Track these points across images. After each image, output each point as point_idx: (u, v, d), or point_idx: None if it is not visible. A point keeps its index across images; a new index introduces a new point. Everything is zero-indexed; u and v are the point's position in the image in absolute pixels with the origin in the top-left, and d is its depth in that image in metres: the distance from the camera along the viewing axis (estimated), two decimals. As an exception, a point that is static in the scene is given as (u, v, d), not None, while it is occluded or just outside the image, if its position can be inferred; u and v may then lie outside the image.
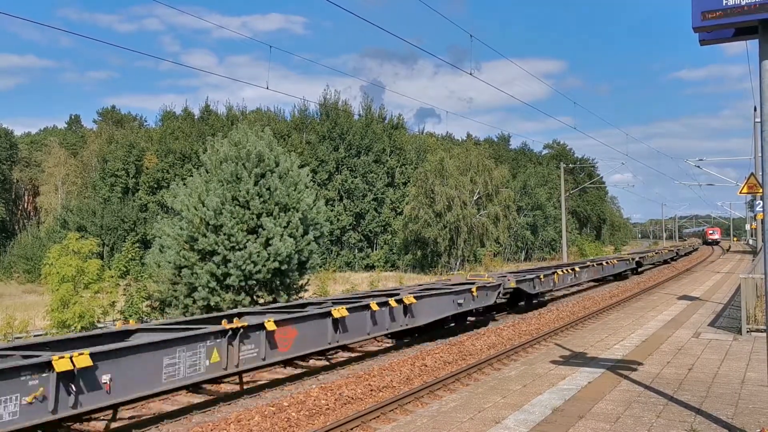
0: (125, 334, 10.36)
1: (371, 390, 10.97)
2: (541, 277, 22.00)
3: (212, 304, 19.73)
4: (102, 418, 9.51)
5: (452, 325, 17.42)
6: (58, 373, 7.58)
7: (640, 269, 39.59)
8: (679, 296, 23.05)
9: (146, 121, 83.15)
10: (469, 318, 18.60)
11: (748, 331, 14.08)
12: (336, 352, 14.52)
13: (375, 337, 14.77)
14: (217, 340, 9.96)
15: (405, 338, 15.99)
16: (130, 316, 20.64)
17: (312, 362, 13.82)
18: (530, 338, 15.36)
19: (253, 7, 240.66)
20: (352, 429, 8.69)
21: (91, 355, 7.99)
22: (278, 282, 21.21)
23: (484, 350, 14.70)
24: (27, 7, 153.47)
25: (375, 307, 13.32)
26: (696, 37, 6.72)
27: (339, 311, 12.31)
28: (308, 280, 23.67)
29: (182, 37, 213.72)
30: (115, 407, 8.92)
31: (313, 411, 9.68)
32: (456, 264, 54.10)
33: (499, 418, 7.90)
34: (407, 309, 14.61)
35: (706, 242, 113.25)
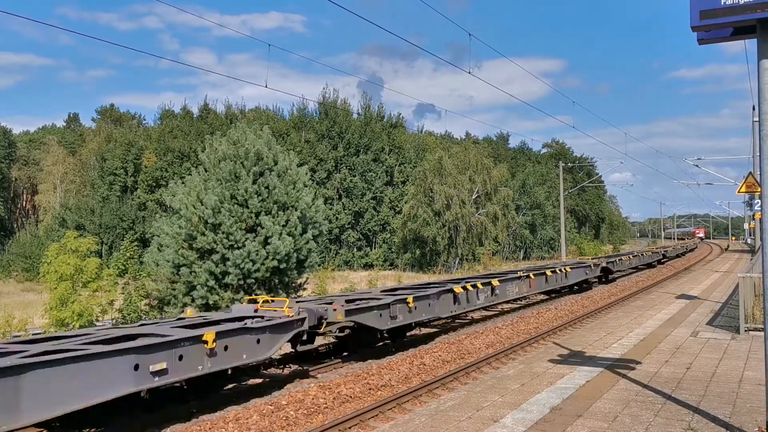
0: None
1: (369, 389, 10.97)
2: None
3: (211, 302, 19.72)
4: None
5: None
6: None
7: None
8: (678, 295, 23.08)
9: (145, 120, 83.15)
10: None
11: (746, 330, 14.10)
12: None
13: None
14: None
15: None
16: (128, 314, 20.63)
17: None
18: (528, 337, 15.37)
19: (252, 5, 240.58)
20: (350, 428, 8.70)
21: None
22: (277, 281, 21.20)
23: (483, 349, 14.71)
24: (26, 5, 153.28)
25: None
26: (695, 37, 6.72)
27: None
28: (307, 278, 23.66)
29: (181, 35, 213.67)
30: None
31: (312, 409, 9.69)
32: (455, 263, 54.12)
33: (497, 417, 7.90)
34: None
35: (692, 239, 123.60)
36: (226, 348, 9.75)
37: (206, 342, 9.34)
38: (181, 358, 8.98)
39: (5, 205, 74.94)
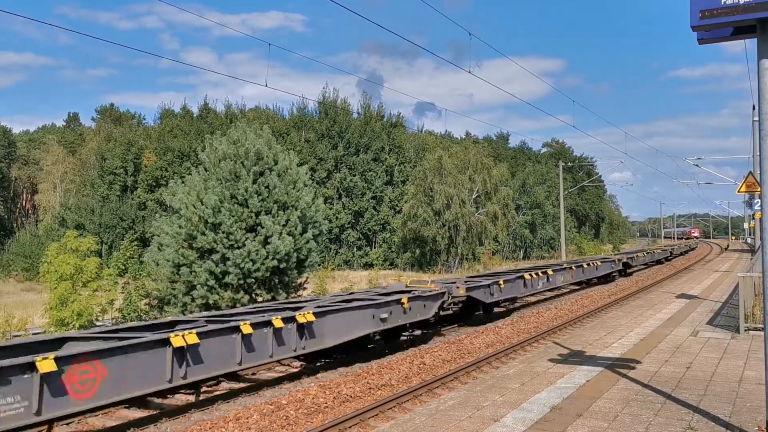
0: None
1: (370, 388, 10.98)
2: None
3: (211, 302, 19.73)
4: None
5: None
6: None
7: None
8: (678, 294, 23.08)
9: (145, 119, 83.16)
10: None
11: (746, 330, 14.11)
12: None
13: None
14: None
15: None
16: (128, 314, 20.64)
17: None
18: (529, 336, 15.37)
19: (252, 4, 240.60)
20: (350, 427, 8.70)
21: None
22: (277, 280, 21.21)
23: (483, 348, 14.72)
24: (26, 4, 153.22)
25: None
26: (695, 36, 6.72)
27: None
28: (307, 278, 23.67)
29: (182, 34, 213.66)
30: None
31: (312, 409, 9.69)
32: (455, 262, 54.14)
33: (497, 417, 7.91)
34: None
35: (688, 239, 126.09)
36: (411, 308, 14.47)
37: (403, 303, 14.13)
38: (391, 312, 13.75)
39: (5, 204, 74.95)
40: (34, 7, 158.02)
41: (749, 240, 69.84)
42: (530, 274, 21.43)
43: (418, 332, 15.61)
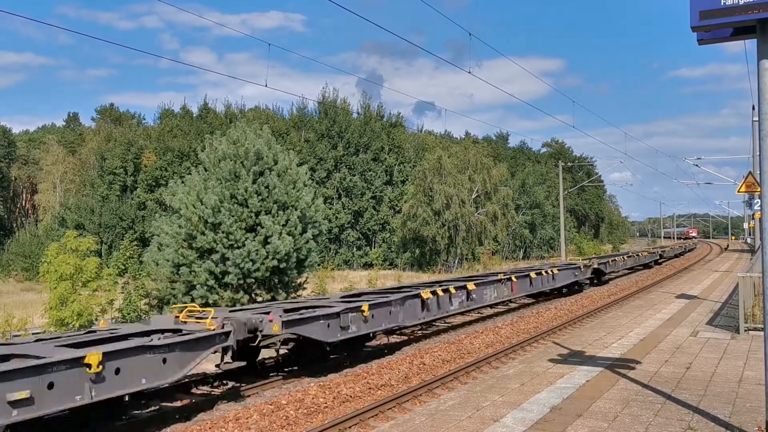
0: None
1: (369, 388, 10.98)
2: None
3: (210, 302, 19.72)
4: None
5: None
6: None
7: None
8: (677, 295, 23.08)
9: (145, 119, 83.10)
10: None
11: (746, 330, 14.11)
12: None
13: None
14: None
15: None
16: (128, 314, 20.64)
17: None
18: (528, 337, 15.37)
19: (252, 4, 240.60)
20: (350, 427, 8.70)
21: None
22: (276, 280, 21.21)
23: (483, 349, 14.72)
24: (26, 4, 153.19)
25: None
26: (695, 36, 6.72)
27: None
28: (306, 278, 23.66)
29: (181, 34, 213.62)
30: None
31: (312, 409, 9.69)
32: (455, 262, 54.14)
33: (497, 417, 7.91)
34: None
35: (687, 239, 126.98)
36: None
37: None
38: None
39: (5, 204, 74.93)
40: (34, 7, 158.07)
41: (749, 240, 69.85)
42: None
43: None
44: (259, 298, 20.90)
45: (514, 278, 20.38)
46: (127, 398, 8.62)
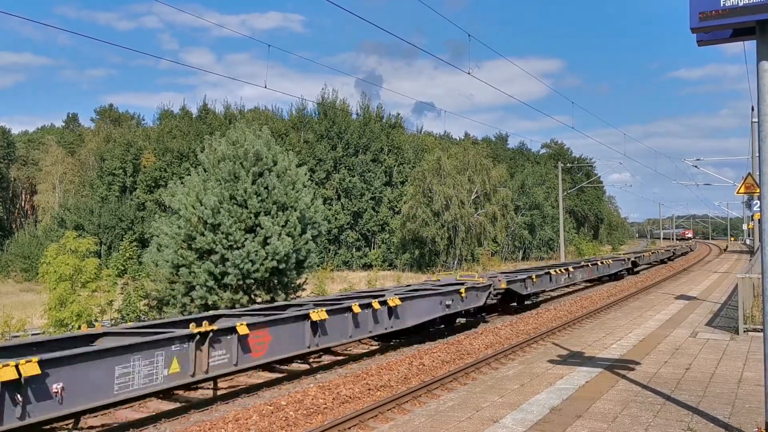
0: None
1: (369, 389, 10.97)
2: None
3: (210, 303, 19.70)
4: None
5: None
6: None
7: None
8: (677, 296, 23.09)
9: (144, 120, 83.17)
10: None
11: (745, 331, 14.12)
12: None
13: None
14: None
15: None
16: (127, 315, 20.62)
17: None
18: (528, 337, 15.37)
19: (251, 5, 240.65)
20: (349, 428, 8.70)
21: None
22: (276, 281, 21.19)
23: (482, 349, 14.72)
24: (25, 4, 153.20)
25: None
26: (694, 37, 6.72)
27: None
28: (306, 279, 23.64)
29: (181, 35, 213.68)
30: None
31: (311, 410, 9.69)
32: (454, 263, 54.13)
33: (497, 418, 7.91)
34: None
35: (682, 239, 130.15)
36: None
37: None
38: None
39: (4, 205, 74.91)
40: (34, 7, 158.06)
41: (748, 241, 69.89)
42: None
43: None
44: (259, 299, 20.89)
45: (590, 265, 29.44)
46: (463, 312, 17.59)
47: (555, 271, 24.39)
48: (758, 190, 9.04)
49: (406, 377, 11.94)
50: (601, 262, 31.72)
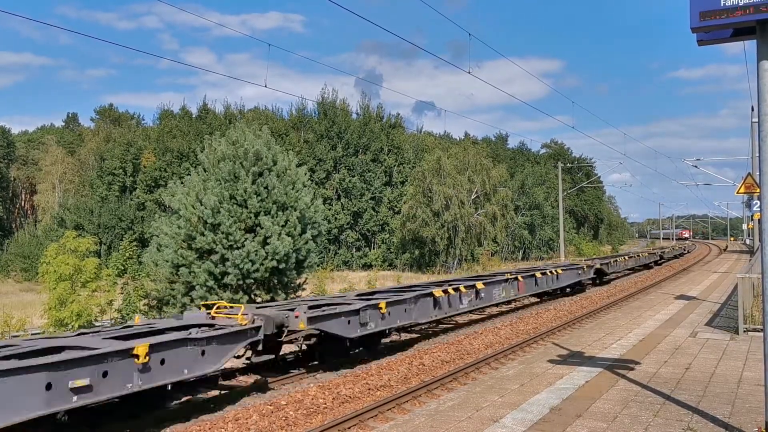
0: None
1: (369, 389, 10.98)
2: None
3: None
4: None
5: None
6: None
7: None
8: (676, 296, 23.08)
9: (144, 120, 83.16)
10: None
11: (745, 331, 14.12)
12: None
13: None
14: None
15: None
16: (127, 314, 20.63)
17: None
18: (528, 337, 15.38)
19: (252, 5, 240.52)
20: (349, 428, 8.70)
21: None
22: (276, 281, 21.20)
23: (482, 349, 14.72)
24: (25, 4, 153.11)
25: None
26: (694, 37, 6.72)
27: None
28: (306, 279, 23.66)
29: (181, 35, 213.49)
30: None
31: (311, 410, 9.69)
32: (454, 263, 54.15)
33: (497, 417, 7.91)
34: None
35: (680, 239, 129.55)
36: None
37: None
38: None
39: (4, 205, 74.90)
40: (34, 7, 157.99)
41: (748, 241, 69.90)
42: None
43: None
44: (259, 299, 20.90)
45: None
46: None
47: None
48: (758, 190, 9.04)
49: (406, 377, 11.95)
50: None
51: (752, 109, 31.25)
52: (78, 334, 10.09)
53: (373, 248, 63.23)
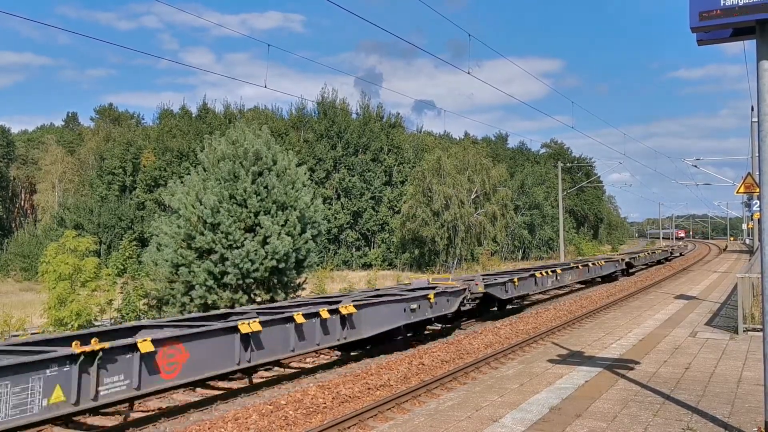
0: None
1: (369, 388, 10.97)
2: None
3: (209, 302, 19.71)
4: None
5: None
6: None
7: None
8: (676, 295, 23.08)
9: (144, 119, 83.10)
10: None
11: (744, 331, 14.12)
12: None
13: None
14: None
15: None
16: (127, 314, 20.62)
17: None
18: (527, 337, 15.37)
19: (251, 5, 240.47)
20: (349, 428, 8.70)
21: None
22: (276, 280, 21.19)
23: (482, 349, 14.72)
24: (25, 4, 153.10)
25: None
26: (694, 37, 6.72)
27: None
28: (306, 278, 23.65)
29: (181, 35, 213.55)
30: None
31: (311, 409, 9.69)
32: (453, 263, 54.13)
33: (496, 417, 7.91)
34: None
35: (676, 239, 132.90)
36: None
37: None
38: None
39: (4, 204, 74.86)
40: (34, 7, 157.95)
41: (747, 241, 69.90)
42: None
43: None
44: (258, 299, 20.90)
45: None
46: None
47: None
48: (758, 190, 9.04)
49: (405, 377, 11.95)
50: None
51: (752, 109, 31.23)
52: (376, 289, 18.45)
53: (373, 248, 63.22)
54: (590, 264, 29.62)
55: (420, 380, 11.54)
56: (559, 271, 24.91)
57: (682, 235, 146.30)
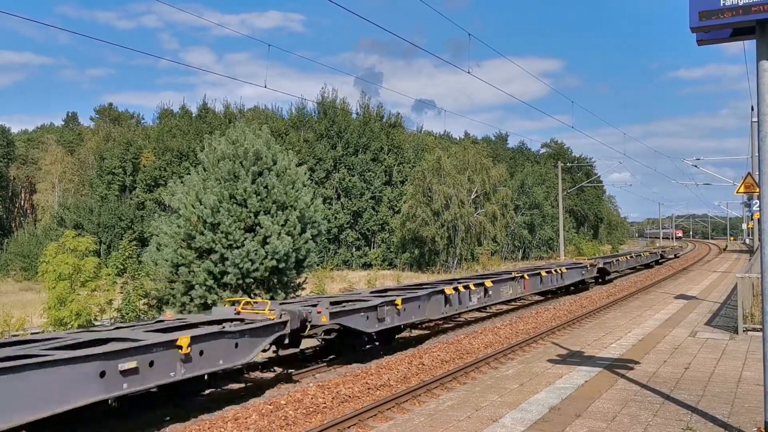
0: None
1: (368, 388, 10.98)
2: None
3: (209, 302, 19.70)
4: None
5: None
6: None
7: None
8: (676, 295, 23.08)
9: (144, 119, 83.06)
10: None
11: (744, 330, 14.12)
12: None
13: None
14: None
15: None
16: (127, 314, 20.62)
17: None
18: (527, 337, 15.38)
19: (251, 4, 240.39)
20: (349, 427, 8.70)
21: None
22: (276, 280, 21.19)
23: (481, 349, 14.72)
24: (25, 4, 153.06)
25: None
26: (694, 37, 6.72)
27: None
28: (306, 278, 23.64)
29: (181, 34, 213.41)
30: None
31: (311, 409, 9.69)
32: (453, 263, 54.14)
33: (496, 417, 7.91)
34: None
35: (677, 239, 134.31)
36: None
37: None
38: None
39: (3, 204, 74.86)
40: (34, 7, 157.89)
41: (747, 241, 69.89)
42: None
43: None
44: (258, 299, 20.89)
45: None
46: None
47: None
48: (758, 190, 9.04)
49: (405, 376, 11.95)
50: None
51: (752, 109, 31.23)
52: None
53: (373, 248, 63.20)
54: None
55: (420, 380, 11.54)
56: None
57: (680, 234, 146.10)
